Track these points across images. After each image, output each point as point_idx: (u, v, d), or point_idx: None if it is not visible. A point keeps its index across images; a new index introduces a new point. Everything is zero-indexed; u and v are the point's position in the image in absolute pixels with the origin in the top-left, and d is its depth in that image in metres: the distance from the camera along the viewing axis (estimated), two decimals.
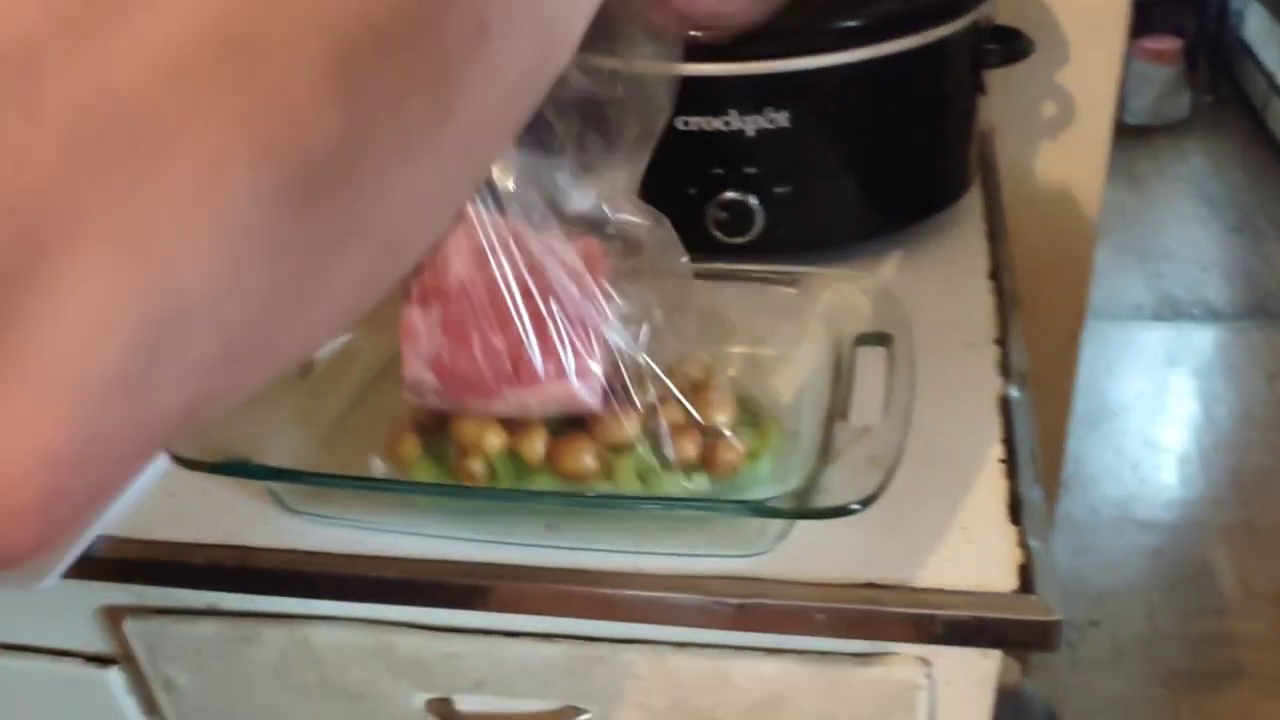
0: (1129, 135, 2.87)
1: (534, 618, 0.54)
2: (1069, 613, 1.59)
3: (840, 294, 0.62)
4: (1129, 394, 2.16)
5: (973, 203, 0.77)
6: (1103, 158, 0.95)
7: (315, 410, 0.60)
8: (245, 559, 0.55)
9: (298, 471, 0.53)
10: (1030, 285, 1.01)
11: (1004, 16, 0.77)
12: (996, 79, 0.80)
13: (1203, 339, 2.30)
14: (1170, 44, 3.05)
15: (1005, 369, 0.61)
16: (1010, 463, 0.55)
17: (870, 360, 0.58)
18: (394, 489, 0.53)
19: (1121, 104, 1.14)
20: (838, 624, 0.49)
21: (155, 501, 0.58)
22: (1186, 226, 2.71)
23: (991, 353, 0.63)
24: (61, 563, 0.55)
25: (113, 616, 0.60)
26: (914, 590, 0.49)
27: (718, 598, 0.49)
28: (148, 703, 0.63)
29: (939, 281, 0.69)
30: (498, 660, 0.56)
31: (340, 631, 0.56)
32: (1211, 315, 2.37)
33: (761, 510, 0.47)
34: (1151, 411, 2.12)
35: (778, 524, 0.50)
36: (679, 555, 0.51)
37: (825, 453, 0.50)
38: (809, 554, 0.51)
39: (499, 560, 0.52)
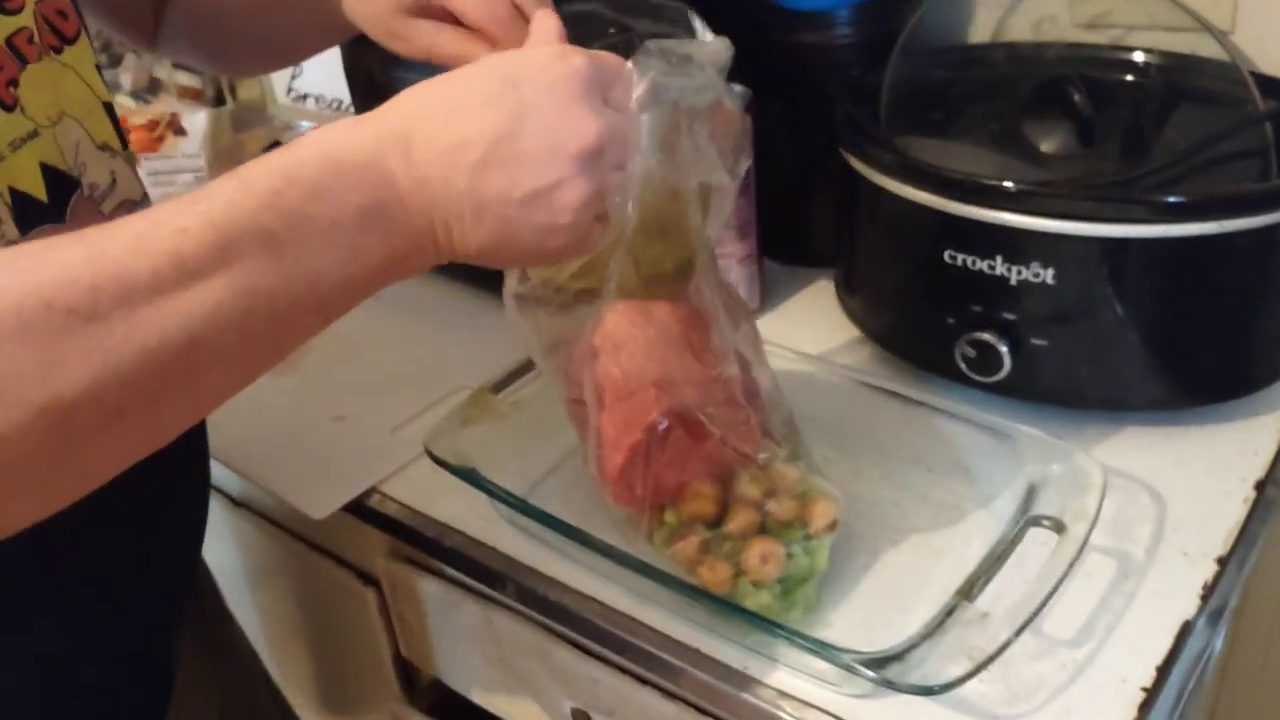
0: None
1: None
2: None
3: (1054, 464, 0.60)
4: None
5: None
6: None
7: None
8: (450, 539, 0.66)
9: (494, 489, 0.62)
10: None
11: None
12: None
13: None
14: None
15: (1208, 592, 0.57)
16: (1151, 695, 0.52)
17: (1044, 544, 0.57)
18: (541, 520, 0.60)
19: None
20: None
21: (428, 476, 0.68)
22: None
23: (1206, 571, 0.58)
24: (336, 502, 0.70)
25: (377, 551, 0.74)
26: None
27: None
28: (389, 626, 0.78)
29: (1195, 476, 0.64)
30: (626, 698, 0.62)
31: (515, 624, 0.66)
32: None
33: (828, 657, 0.50)
34: None
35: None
36: (788, 668, 0.55)
37: (933, 627, 0.51)
38: (907, 712, 0.52)
39: (641, 618, 0.59)
